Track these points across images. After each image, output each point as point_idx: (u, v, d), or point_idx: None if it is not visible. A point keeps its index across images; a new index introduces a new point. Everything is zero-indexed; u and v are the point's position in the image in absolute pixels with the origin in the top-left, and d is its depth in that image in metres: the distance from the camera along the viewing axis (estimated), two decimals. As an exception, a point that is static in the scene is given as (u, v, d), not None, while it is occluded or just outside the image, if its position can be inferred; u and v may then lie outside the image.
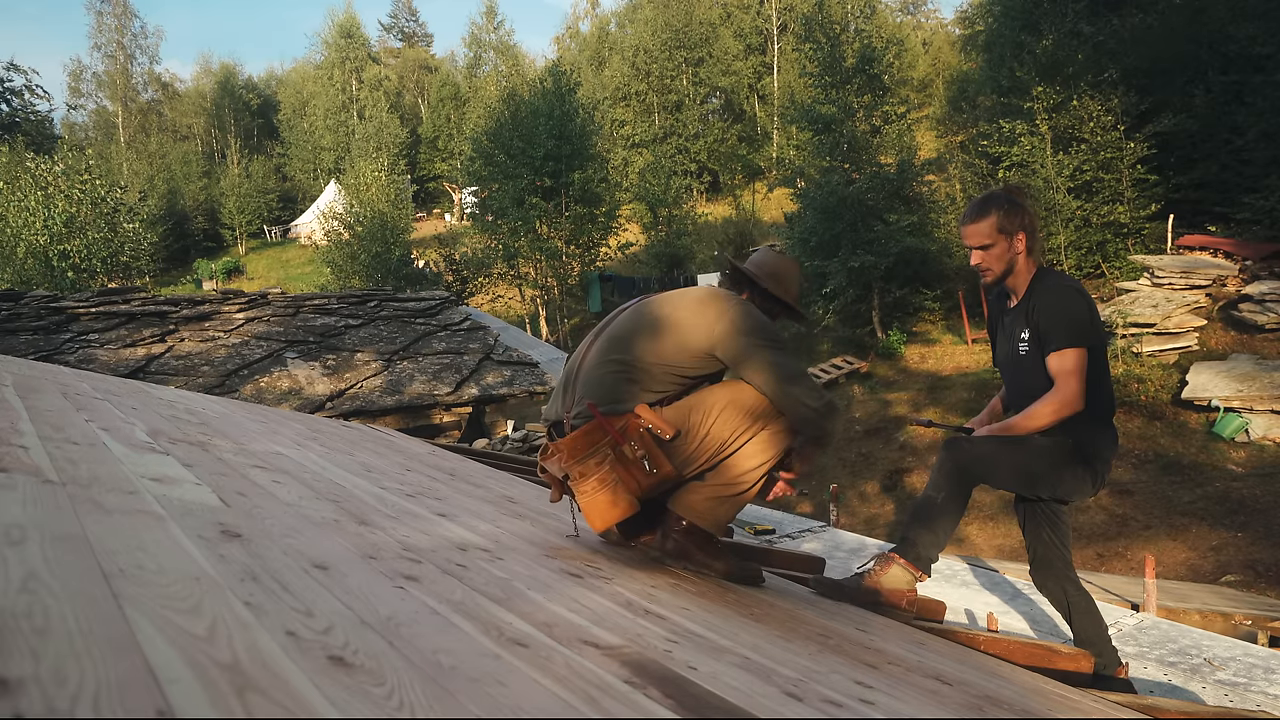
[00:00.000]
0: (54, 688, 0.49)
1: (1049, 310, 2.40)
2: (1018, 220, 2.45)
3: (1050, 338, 2.38)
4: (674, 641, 1.18)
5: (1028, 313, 2.46)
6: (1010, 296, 2.57)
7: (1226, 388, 12.90)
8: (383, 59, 62.76)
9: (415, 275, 29.89)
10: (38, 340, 6.53)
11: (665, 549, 2.04)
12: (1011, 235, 2.45)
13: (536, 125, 26.95)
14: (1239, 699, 2.78)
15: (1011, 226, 2.45)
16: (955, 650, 2.04)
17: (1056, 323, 2.38)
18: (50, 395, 2.29)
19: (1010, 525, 11.18)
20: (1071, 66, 18.91)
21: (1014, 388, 2.60)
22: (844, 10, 34.57)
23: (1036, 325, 2.43)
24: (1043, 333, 2.41)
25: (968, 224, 2.51)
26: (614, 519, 1.91)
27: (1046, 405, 2.37)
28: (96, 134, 54.76)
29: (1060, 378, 2.36)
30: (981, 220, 2.47)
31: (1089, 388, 2.38)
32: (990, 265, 2.48)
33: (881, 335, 19.39)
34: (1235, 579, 9.20)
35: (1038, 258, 2.52)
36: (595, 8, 58.90)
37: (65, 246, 20.59)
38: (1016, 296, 2.54)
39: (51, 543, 0.81)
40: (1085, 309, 2.41)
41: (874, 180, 19.51)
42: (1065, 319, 2.38)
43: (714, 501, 2.02)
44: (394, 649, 0.78)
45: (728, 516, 2.06)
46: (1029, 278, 2.50)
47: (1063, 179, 18.63)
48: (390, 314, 8.41)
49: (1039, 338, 2.42)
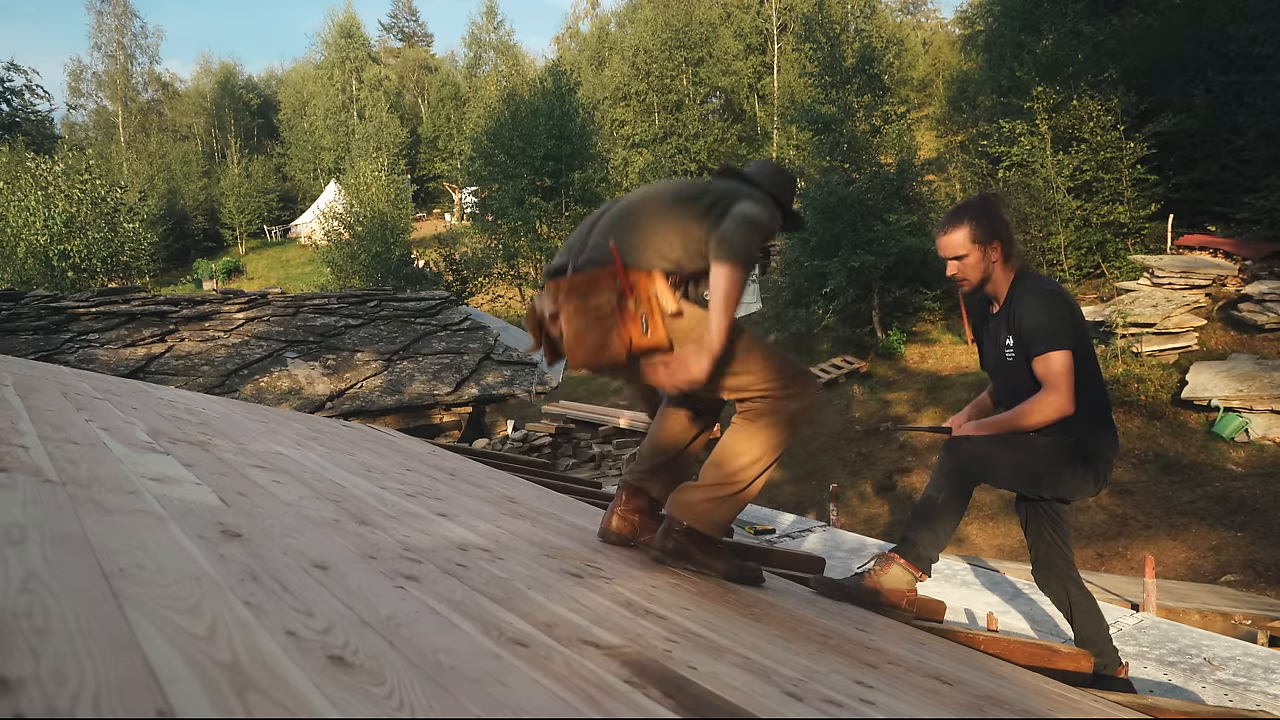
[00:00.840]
0: (54, 687, 0.49)
1: (1030, 315, 2.41)
2: (991, 229, 2.46)
3: (1033, 342, 2.40)
4: (674, 641, 1.18)
5: (1009, 318, 2.48)
6: (992, 302, 2.60)
7: (1226, 387, 12.90)
8: (383, 59, 62.75)
9: (415, 275, 29.88)
10: (38, 340, 6.53)
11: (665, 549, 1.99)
12: (986, 244, 2.46)
13: (536, 125, 26.99)
14: (1239, 699, 2.78)
15: (985, 236, 2.46)
16: (955, 650, 2.04)
17: (1038, 327, 2.39)
18: (50, 395, 2.29)
19: (1010, 525, 11.18)
20: (1071, 66, 18.90)
21: (1004, 391, 2.62)
22: (844, 10, 34.56)
23: (1019, 330, 2.44)
24: (1025, 337, 2.42)
25: (941, 236, 2.53)
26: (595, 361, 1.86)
27: (1034, 406, 2.38)
28: (96, 134, 54.77)
29: (1047, 380, 2.36)
30: (955, 231, 2.49)
31: (1082, 387, 2.39)
32: (966, 275, 2.51)
33: (881, 335, 19.39)
34: (1235, 579, 9.20)
35: (1015, 263, 2.53)
36: (595, 8, 58.90)
37: (65, 246, 20.59)
38: (998, 303, 2.56)
39: (51, 543, 0.81)
40: (1066, 311, 2.42)
41: (874, 180, 19.50)
42: (1046, 323, 2.39)
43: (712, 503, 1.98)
44: (394, 649, 0.78)
45: (726, 517, 2.01)
46: (1008, 283, 2.52)
47: (1063, 179, 18.63)
48: (390, 314, 8.41)
49: (1023, 343, 2.43)
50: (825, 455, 15.12)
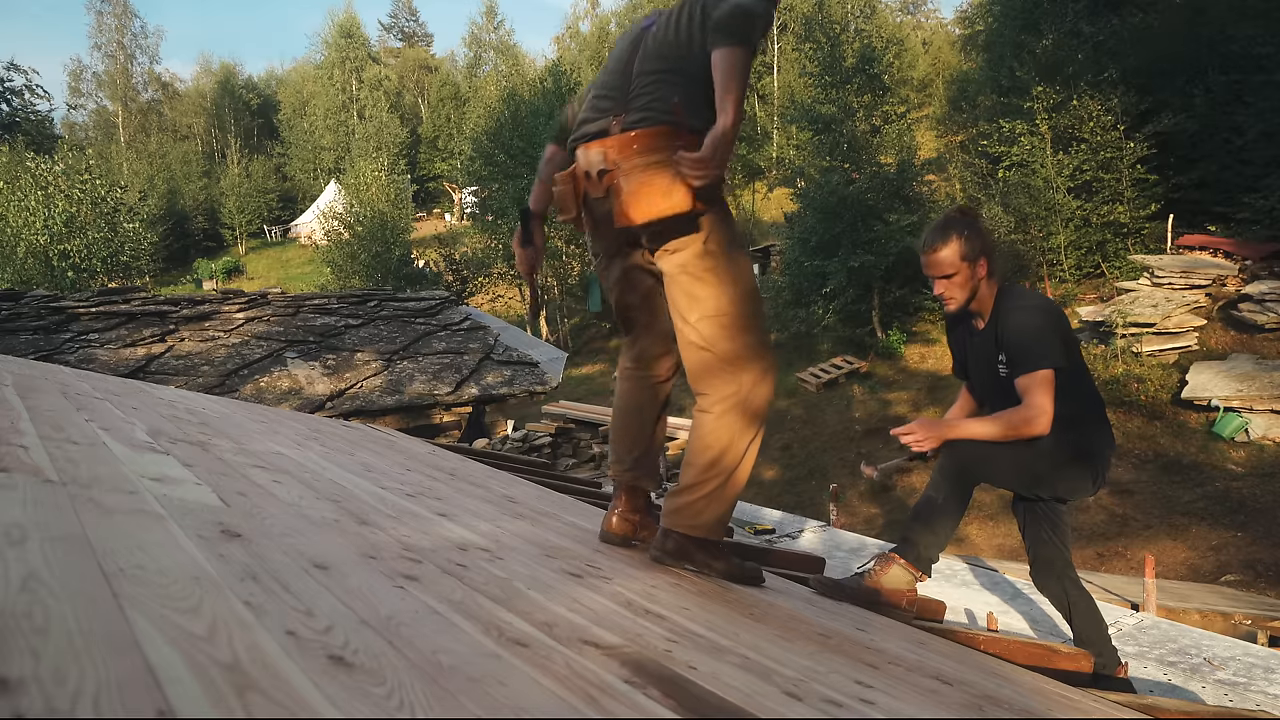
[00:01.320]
0: (54, 687, 0.49)
1: (1017, 332, 2.42)
2: (978, 245, 2.43)
3: (1020, 360, 2.39)
4: (674, 641, 1.18)
5: (997, 336, 2.48)
6: (975, 319, 2.58)
7: (1226, 387, 12.90)
8: (383, 59, 62.78)
9: (415, 275, 29.91)
10: (38, 340, 6.53)
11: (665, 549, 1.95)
12: (974, 262, 2.43)
13: (537, 125, 26.99)
14: (1239, 698, 2.78)
15: (973, 253, 2.43)
16: (955, 650, 2.04)
17: (1026, 345, 2.39)
18: (50, 395, 2.29)
19: (1010, 525, 11.18)
20: (1071, 66, 18.90)
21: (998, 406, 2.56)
22: (844, 10, 34.58)
23: (1007, 347, 2.44)
24: (1013, 355, 2.42)
25: (929, 253, 2.46)
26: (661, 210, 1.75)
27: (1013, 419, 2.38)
28: (96, 134, 54.81)
29: (1026, 396, 2.37)
30: (943, 248, 2.43)
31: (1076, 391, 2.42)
32: (954, 294, 2.47)
33: (881, 335, 19.39)
34: (1235, 578, 9.20)
35: (998, 278, 2.52)
36: (595, 8, 58.93)
37: (65, 246, 20.61)
38: (983, 320, 2.55)
39: (51, 543, 0.81)
40: (1052, 326, 2.42)
41: (874, 180, 19.50)
42: (1034, 340, 2.39)
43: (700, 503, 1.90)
44: (394, 649, 0.78)
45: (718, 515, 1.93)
46: (992, 299, 2.51)
47: (1063, 179, 18.62)
48: (390, 314, 8.41)
49: (1012, 360, 2.43)
50: (825, 455, 15.12)
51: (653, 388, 2.16)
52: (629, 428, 2.16)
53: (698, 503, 1.91)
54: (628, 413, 2.17)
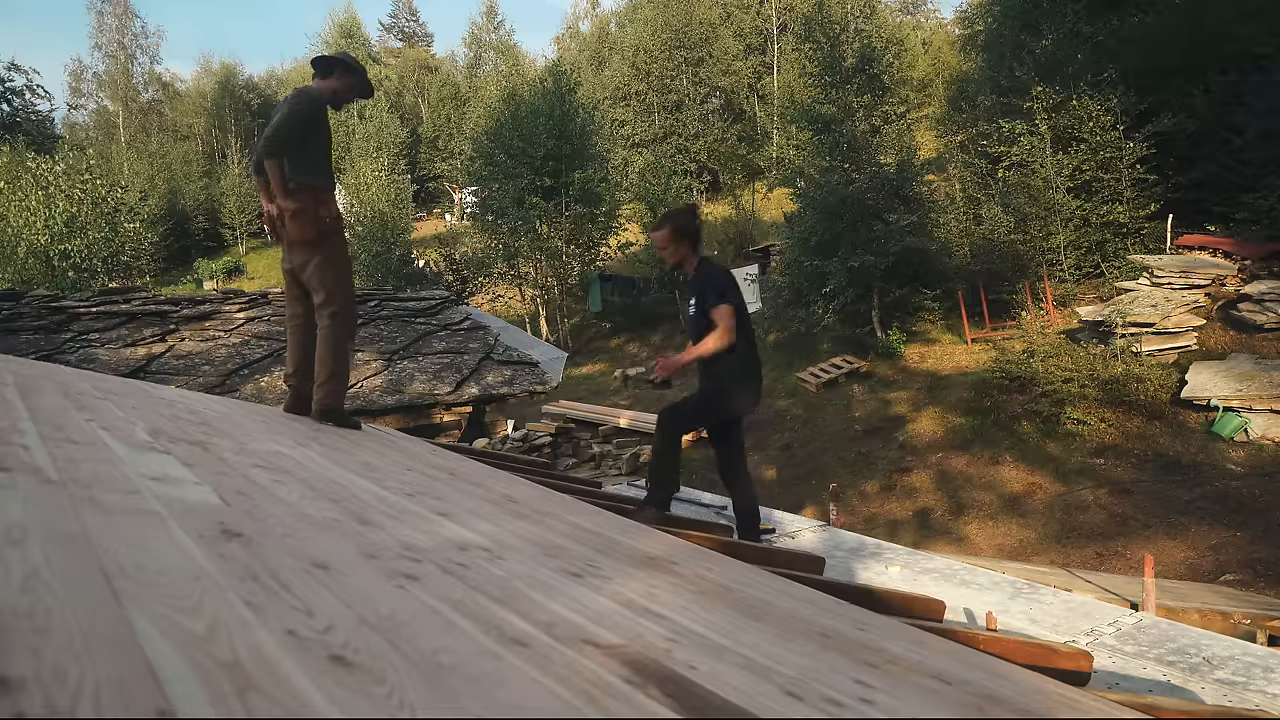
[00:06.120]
0: (55, 687, 0.49)
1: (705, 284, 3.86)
2: (684, 229, 3.92)
3: (708, 300, 3.81)
4: (674, 641, 1.18)
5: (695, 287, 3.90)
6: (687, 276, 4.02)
7: (1226, 387, 12.89)
8: (383, 59, 62.74)
9: (415, 275, 29.91)
10: (38, 340, 6.53)
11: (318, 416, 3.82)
12: (680, 240, 3.92)
13: (537, 125, 26.98)
14: (1238, 698, 2.78)
15: (680, 234, 3.92)
16: (955, 650, 2.04)
17: (711, 291, 3.82)
18: (51, 395, 2.29)
19: (1010, 525, 11.20)
20: (1071, 66, 18.89)
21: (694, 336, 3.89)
22: (844, 10, 34.50)
23: (701, 294, 3.85)
24: (704, 298, 3.83)
25: (654, 232, 4.01)
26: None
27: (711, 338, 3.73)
28: (97, 134, 54.75)
29: (718, 320, 3.74)
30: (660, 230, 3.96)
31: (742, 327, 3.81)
32: (668, 257, 4.00)
33: (881, 335, 19.37)
34: (1234, 578, 9.20)
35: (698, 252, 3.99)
36: (595, 8, 58.93)
37: (66, 246, 20.59)
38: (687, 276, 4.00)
39: (52, 542, 0.81)
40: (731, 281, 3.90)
41: (874, 180, 19.49)
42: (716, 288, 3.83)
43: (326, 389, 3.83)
44: (394, 648, 0.78)
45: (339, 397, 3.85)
46: (694, 264, 3.97)
47: (1062, 179, 18.62)
48: (390, 313, 8.41)
49: (703, 302, 3.83)
50: (825, 455, 15.11)
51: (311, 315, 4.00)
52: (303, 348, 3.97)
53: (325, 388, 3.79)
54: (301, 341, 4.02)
